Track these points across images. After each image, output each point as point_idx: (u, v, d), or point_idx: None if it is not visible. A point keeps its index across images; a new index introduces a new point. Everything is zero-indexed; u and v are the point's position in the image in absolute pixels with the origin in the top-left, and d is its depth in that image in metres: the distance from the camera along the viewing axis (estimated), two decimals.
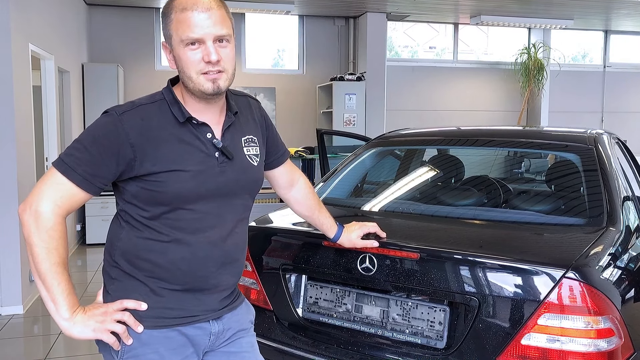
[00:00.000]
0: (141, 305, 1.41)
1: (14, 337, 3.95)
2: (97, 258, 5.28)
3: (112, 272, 1.46)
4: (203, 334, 1.49)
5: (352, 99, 8.01)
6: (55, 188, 1.34)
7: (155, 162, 1.37)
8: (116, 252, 1.45)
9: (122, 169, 1.37)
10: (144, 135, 1.37)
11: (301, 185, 1.86)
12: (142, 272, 1.43)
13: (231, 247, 1.51)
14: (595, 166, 2.28)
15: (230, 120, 1.51)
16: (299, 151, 6.23)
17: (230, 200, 1.49)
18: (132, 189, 1.40)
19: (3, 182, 4.27)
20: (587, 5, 7.93)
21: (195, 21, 1.36)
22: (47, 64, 5.44)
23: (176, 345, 1.45)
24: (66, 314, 1.34)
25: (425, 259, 1.87)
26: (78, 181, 1.35)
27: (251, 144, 1.56)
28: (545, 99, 9.29)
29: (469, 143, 2.85)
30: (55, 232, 1.33)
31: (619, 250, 1.89)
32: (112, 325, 1.38)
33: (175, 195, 1.39)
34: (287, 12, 7.82)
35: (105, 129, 1.37)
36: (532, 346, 1.67)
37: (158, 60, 8.08)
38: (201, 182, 1.42)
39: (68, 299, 1.34)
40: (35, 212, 1.32)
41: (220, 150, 1.45)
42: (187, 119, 1.42)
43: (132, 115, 1.38)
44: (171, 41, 1.40)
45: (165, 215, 1.41)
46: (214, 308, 1.51)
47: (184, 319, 1.46)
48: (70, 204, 1.36)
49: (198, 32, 1.36)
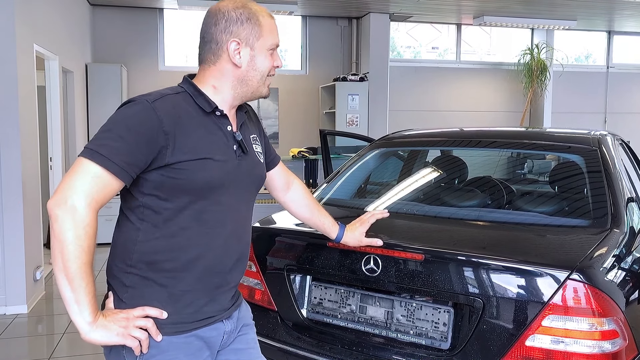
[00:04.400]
0: (163, 314, 1.39)
1: (18, 336, 3.97)
2: (101, 257, 5.29)
3: (125, 279, 1.41)
4: (217, 334, 1.51)
5: (354, 99, 8.01)
6: (91, 181, 1.28)
7: (187, 150, 1.37)
8: (134, 256, 1.40)
9: (153, 157, 1.34)
10: (177, 123, 1.37)
11: (297, 187, 1.88)
12: (163, 273, 1.40)
13: (245, 243, 1.55)
14: (599, 167, 2.28)
15: (244, 118, 1.57)
16: (301, 152, 6.22)
17: (244, 194, 1.53)
18: (157, 178, 1.37)
19: (8, 182, 4.28)
20: (590, 6, 7.92)
21: (275, 29, 1.52)
22: (52, 64, 5.46)
23: (194, 350, 1.45)
24: (89, 318, 1.30)
25: (430, 260, 1.87)
26: (116, 171, 1.29)
27: (256, 142, 1.62)
28: (548, 100, 9.28)
29: (472, 144, 2.85)
30: (91, 229, 1.28)
31: (623, 252, 1.89)
32: (135, 331, 1.34)
33: (204, 183, 1.40)
34: (290, 13, 7.83)
35: (139, 116, 1.34)
36: (536, 347, 1.67)
37: (162, 61, 8.09)
38: (225, 173, 1.45)
39: (92, 302, 1.30)
40: (72, 207, 1.25)
41: (238, 143, 1.49)
42: (213, 109, 1.46)
43: (163, 103, 1.38)
44: (254, 43, 1.47)
45: (190, 207, 1.40)
46: (226, 307, 1.53)
47: (202, 321, 1.46)
48: (106, 196, 1.31)
49: (278, 40, 1.52)
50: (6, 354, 3.67)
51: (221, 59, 1.47)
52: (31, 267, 4.51)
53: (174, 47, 8.19)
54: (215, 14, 1.47)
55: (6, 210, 4.30)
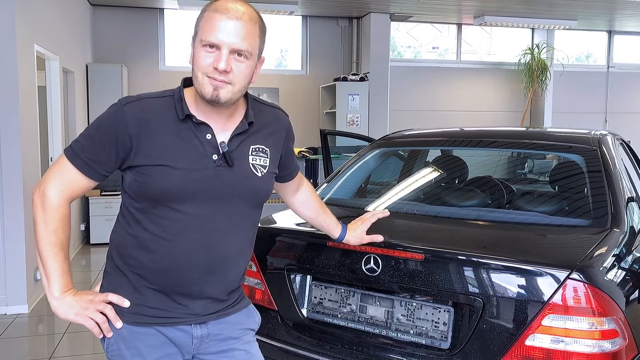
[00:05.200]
0: (124, 302, 1.45)
1: (18, 336, 3.97)
2: (101, 257, 5.30)
3: (107, 265, 1.53)
4: (185, 336, 1.48)
5: (355, 99, 8.01)
6: (62, 172, 1.43)
7: (148, 155, 1.40)
8: (111, 245, 1.52)
9: (122, 157, 1.42)
10: (142, 127, 1.40)
11: (304, 188, 1.87)
12: (129, 267, 1.47)
13: (218, 257, 1.46)
14: (599, 167, 2.28)
15: (242, 128, 1.47)
16: (302, 152, 6.23)
17: (222, 206, 1.45)
18: (128, 178, 1.45)
19: (9, 182, 4.29)
20: (590, 5, 7.91)
21: (219, 26, 1.35)
22: (52, 64, 5.47)
23: (156, 342, 1.46)
24: (56, 293, 1.41)
25: (430, 259, 1.87)
26: (80, 166, 1.42)
27: (260, 154, 1.51)
28: (548, 100, 9.27)
29: (472, 144, 2.85)
30: (57, 214, 1.41)
31: (623, 252, 1.89)
32: (93, 314, 1.42)
33: (160, 190, 1.39)
34: (291, 13, 7.83)
35: (108, 117, 1.44)
36: (536, 347, 1.67)
37: (162, 61, 8.10)
38: (190, 182, 1.40)
39: (61, 279, 1.41)
40: (42, 193, 1.42)
41: (222, 153, 1.43)
42: (186, 116, 1.42)
43: (134, 107, 1.43)
44: (196, 37, 1.39)
45: (151, 211, 1.42)
46: (197, 313, 1.48)
47: (164, 319, 1.46)
48: (73, 188, 1.44)
49: (216, 38, 1.35)
50: (7, 354, 3.67)
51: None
52: (32, 267, 4.51)
53: (174, 47, 8.19)
54: None
55: (7, 210, 4.31)
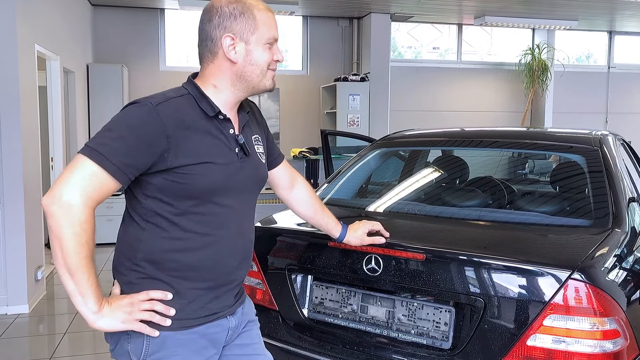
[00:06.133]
0: (167, 295, 1.39)
1: (19, 336, 3.97)
2: (103, 257, 5.29)
3: (132, 276, 1.42)
4: (222, 330, 1.51)
5: (355, 99, 8.01)
6: (87, 178, 1.28)
7: (188, 155, 1.37)
8: (139, 255, 1.41)
9: (154, 161, 1.34)
10: (180, 127, 1.37)
11: (301, 186, 1.88)
12: (168, 272, 1.41)
13: (249, 242, 1.57)
14: (600, 167, 2.28)
15: (246, 119, 1.56)
16: (303, 152, 6.22)
17: (246, 196, 1.54)
18: (159, 182, 1.37)
19: (9, 182, 4.29)
20: (591, 6, 7.91)
21: (273, 23, 1.49)
22: (53, 64, 5.46)
23: (198, 347, 1.45)
24: (94, 307, 1.32)
25: (431, 259, 1.87)
26: (113, 171, 1.29)
27: (258, 142, 1.61)
28: (549, 100, 9.27)
29: (473, 144, 2.85)
30: (88, 225, 1.28)
31: (624, 252, 1.89)
32: (141, 315, 1.36)
33: (207, 187, 1.40)
34: (291, 13, 7.83)
35: (142, 118, 1.34)
36: (537, 347, 1.67)
37: (163, 61, 8.10)
38: (228, 176, 1.45)
39: (96, 292, 1.32)
40: (66, 203, 1.26)
41: (240, 146, 1.49)
42: (216, 113, 1.45)
43: (167, 106, 1.37)
44: (249, 37, 1.45)
45: (194, 210, 1.40)
46: (230, 303, 1.54)
47: (206, 317, 1.47)
48: (102, 195, 1.31)
49: (276, 33, 1.49)
50: (7, 354, 3.67)
51: (218, 55, 1.46)
52: (32, 267, 4.51)
53: (175, 47, 8.19)
54: (209, 10, 1.47)
55: (7, 210, 4.31)
